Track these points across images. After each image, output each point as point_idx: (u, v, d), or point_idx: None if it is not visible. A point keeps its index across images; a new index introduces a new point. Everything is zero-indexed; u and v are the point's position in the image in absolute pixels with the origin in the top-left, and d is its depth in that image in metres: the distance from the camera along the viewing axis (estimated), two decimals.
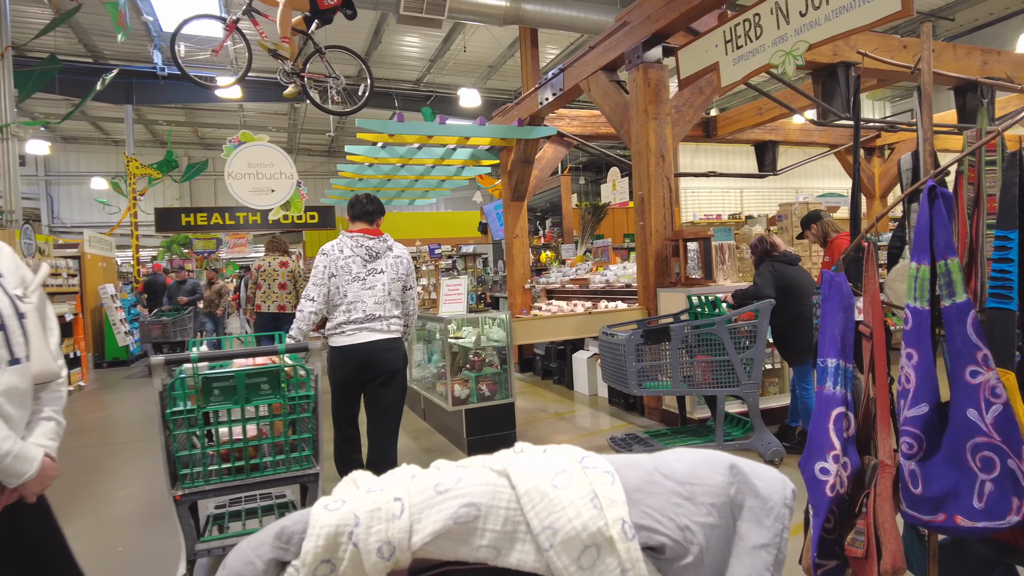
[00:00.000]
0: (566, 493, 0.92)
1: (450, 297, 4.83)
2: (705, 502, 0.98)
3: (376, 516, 0.90)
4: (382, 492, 0.94)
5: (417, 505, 0.91)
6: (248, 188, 9.58)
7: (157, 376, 2.63)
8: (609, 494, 0.93)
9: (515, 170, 8.29)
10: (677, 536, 0.94)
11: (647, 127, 5.51)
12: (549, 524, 0.90)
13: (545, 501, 0.91)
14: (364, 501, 0.92)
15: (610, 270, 6.70)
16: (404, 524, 0.89)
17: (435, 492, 0.92)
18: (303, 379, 2.74)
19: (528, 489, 0.92)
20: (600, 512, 0.91)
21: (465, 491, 0.92)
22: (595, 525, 0.90)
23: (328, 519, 0.89)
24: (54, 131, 21.44)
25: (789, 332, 4.37)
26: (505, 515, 0.91)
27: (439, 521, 0.89)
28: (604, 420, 5.79)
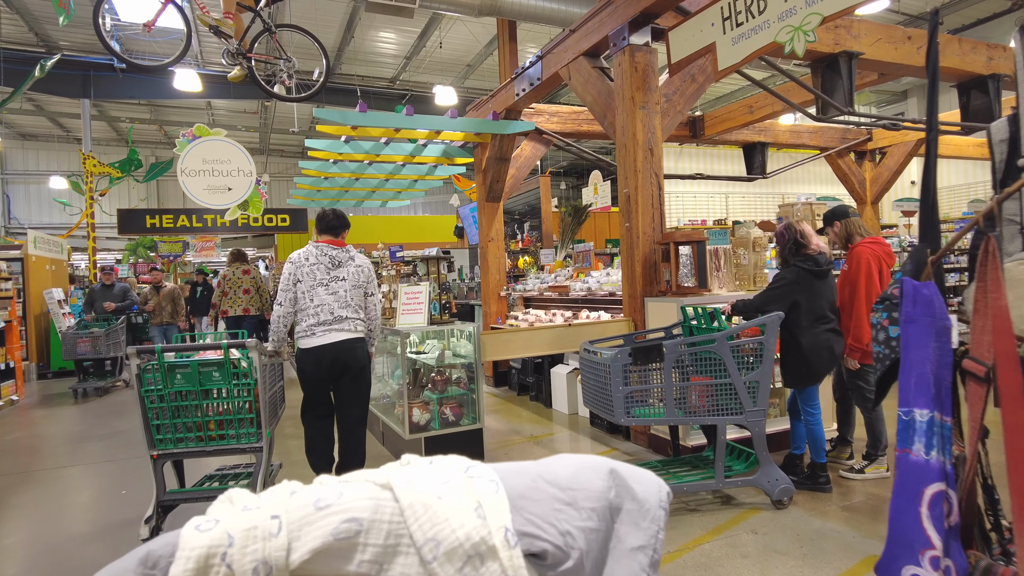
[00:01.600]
0: (450, 504, 0.92)
1: (409, 307, 4.19)
2: (586, 507, 1.00)
3: (252, 535, 0.88)
4: (259, 510, 0.92)
5: (296, 522, 0.90)
6: (203, 186, 8.87)
7: (134, 360, 3.35)
8: (493, 503, 0.93)
9: (490, 168, 7.68)
10: (559, 542, 0.96)
11: (634, 117, 4.93)
12: (432, 536, 0.90)
13: (429, 513, 0.92)
14: (239, 520, 0.90)
15: (592, 277, 6.10)
16: (282, 542, 0.87)
17: (315, 508, 0.91)
18: (246, 369, 3.42)
19: (412, 502, 0.93)
20: (484, 521, 0.92)
21: (347, 506, 0.91)
22: (478, 535, 0.90)
23: (199, 540, 0.86)
24: (10, 126, 20.43)
25: (795, 353, 3.78)
26: (388, 529, 0.91)
27: (319, 538, 0.88)
28: (585, 445, 5.17)
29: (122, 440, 6.14)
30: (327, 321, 3.78)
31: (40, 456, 5.74)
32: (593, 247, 6.39)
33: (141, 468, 5.18)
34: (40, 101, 17.73)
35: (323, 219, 4.00)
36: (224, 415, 3.50)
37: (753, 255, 4.97)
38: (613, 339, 4.12)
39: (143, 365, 3.35)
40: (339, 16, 12.71)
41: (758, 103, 8.44)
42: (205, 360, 3.43)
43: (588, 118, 8.43)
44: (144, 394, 3.37)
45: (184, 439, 3.46)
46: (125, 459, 5.44)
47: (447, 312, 4.35)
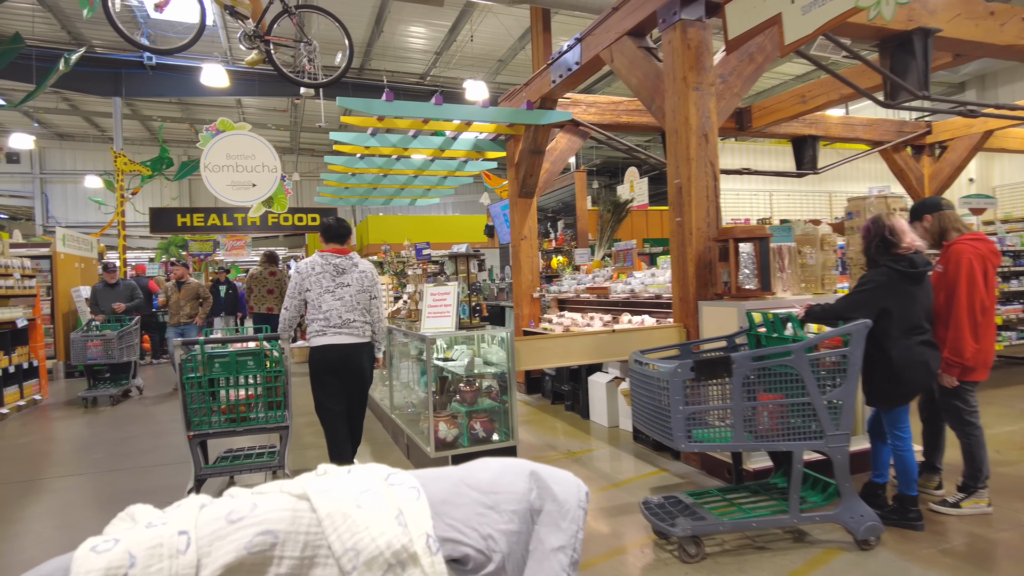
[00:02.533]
0: (370, 512, 0.90)
1: (435, 309, 3.75)
2: (507, 509, 1.01)
3: (156, 553, 0.83)
4: (164, 526, 0.87)
5: (206, 537, 0.86)
6: (227, 182, 8.60)
7: (177, 351, 3.80)
8: (415, 510, 0.92)
9: (523, 162, 7.22)
10: (480, 546, 0.96)
11: (686, 99, 4.42)
12: (352, 545, 0.88)
13: (348, 523, 0.90)
14: (142, 538, 0.85)
15: (635, 278, 5.59)
16: (190, 559, 0.83)
17: (227, 522, 0.88)
18: (277, 359, 3.99)
19: (330, 511, 0.90)
20: (405, 529, 0.90)
21: (261, 518, 0.88)
22: (399, 542, 0.89)
23: (95, 563, 0.81)
24: (48, 127, 20.66)
25: (883, 368, 3.24)
26: (305, 540, 0.89)
27: (231, 553, 0.84)
28: (629, 465, 4.67)
29: (132, 447, 5.83)
30: (336, 324, 4.08)
31: (52, 461, 5.45)
32: (636, 246, 5.89)
33: (148, 476, 4.84)
34: (75, 101, 17.83)
35: (328, 229, 4.27)
36: (252, 400, 4.07)
37: (821, 254, 4.42)
38: (665, 349, 3.62)
39: (184, 355, 3.84)
40: (368, 9, 12.39)
41: (811, 92, 7.83)
42: (241, 351, 3.99)
43: (628, 108, 7.92)
44: (185, 381, 3.85)
45: (217, 421, 3.99)
46: (131, 468, 5.11)
47: (477, 315, 3.91)
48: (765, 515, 3.12)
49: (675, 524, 3.04)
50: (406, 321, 5.52)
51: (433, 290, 3.75)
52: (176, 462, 5.25)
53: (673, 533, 3.03)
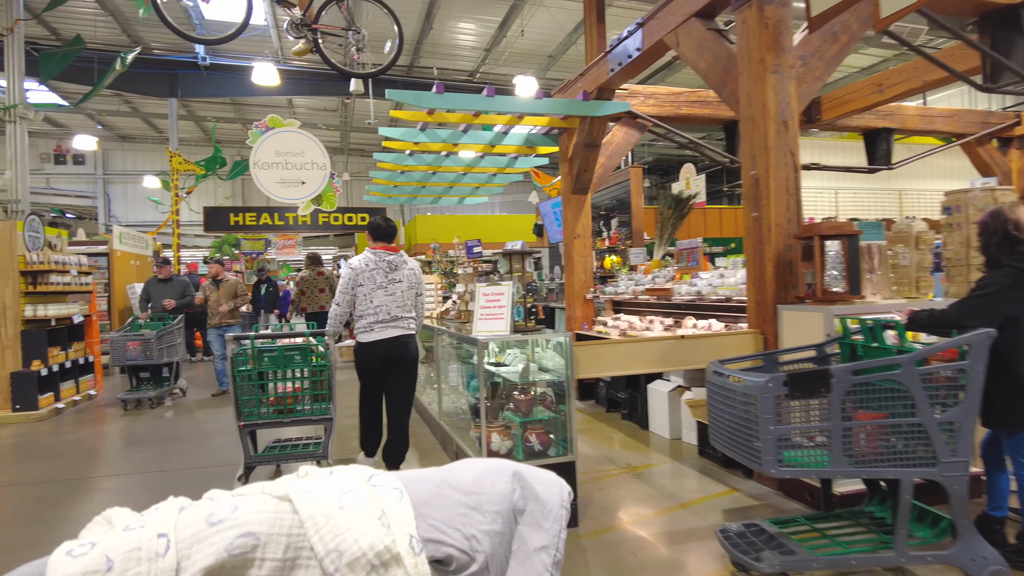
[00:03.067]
0: (353, 514, 0.89)
1: (488, 311, 3.47)
2: (490, 510, 1.00)
3: (134, 557, 0.81)
4: (143, 529, 0.86)
5: (186, 540, 0.84)
6: (276, 179, 8.53)
7: (231, 345, 4.03)
8: (397, 510, 0.92)
9: (577, 156, 6.88)
10: (464, 546, 0.96)
11: (763, 83, 4.01)
12: (335, 547, 0.86)
13: (330, 524, 0.88)
14: (119, 541, 0.83)
15: (701, 278, 5.19)
16: (170, 563, 0.82)
17: (207, 524, 0.86)
18: (322, 354, 4.17)
19: (312, 513, 0.89)
20: (388, 530, 0.89)
21: (241, 520, 0.86)
22: (382, 543, 0.88)
23: (70, 568, 0.79)
24: (110, 129, 21.31)
25: (1009, 386, 2.79)
26: (287, 542, 0.87)
27: (211, 555, 0.83)
28: (696, 483, 4.29)
29: (179, 446, 5.73)
30: (385, 320, 4.22)
31: (100, 459, 5.39)
32: (702, 244, 5.49)
33: (193, 478, 4.70)
34: (134, 103, 18.30)
35: (377, 228, 4.40)
36: (299, 392, 4.29)
37: (916, 254, 3.95)
38: (745, 359, 3.25)
39: (236, 350, 4.05)
40: (418, 5, 12.24)
41: (889, 80, 7.25)
42: (289, 345, 4.20)
43: (688, 100, 7.50)
44: (236, 374, 4.05)
45: (265, 412, 4.22)
46: (175, 470, 4.99)
47: (533, 318, 3.61)
48: (865, 551, 2.71)
49: (760, 558, 2.66)
50: (455, 322, 5.26)
51: (486, 290, 3.47)
52: (221, 464, 5.11)
53: (757, 568, 2.66)
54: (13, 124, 7.46)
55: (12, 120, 7.44)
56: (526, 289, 3.58)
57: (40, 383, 7.31)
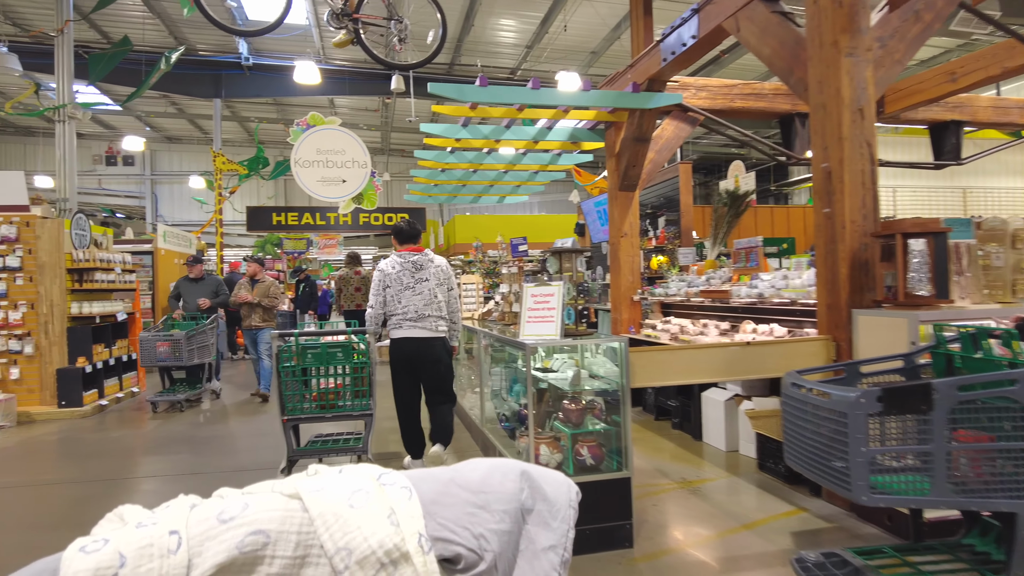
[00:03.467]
0: (363, 512, 0.90)
1: (536, 313, 3.22)
2: (498, 509, 0.99)
3: (146, 553, 0.82)
4: (155, 526, 0.87)
5: (197, 537, 0.85)
6: (317, 177, 8.45)
7: (275, 342, 4.20)
8: (406, 509, 0.92)
9: (625, 151, 6.58)
10: (472, 545, 0.95)
11: (837, 68, 3.67)
12: (344, 545, 0.87)
13: (340, 522, 0.89)
14: (132, 538, 0.84)
15: (762, 279, 4.85)
16: (181, 559, 0.82)
17: (218, 521, 0.87)
18: (363, 351, 4.34)
19: (322, 511, 0.89)
20: (397, 528, 0.89)
21: (252, 518, 0.87)
22: (391, 542, 0.88)
23: (83, 564, 0.80)
24: (158, 130, 21.78)
25: None
26: (297, 540, 0.87)
27: (222, 553, 0.83)
28: (758, 500, 3.97)
29: (212, 448, 5.65)
30: (412, 319, 4.45)
31: (136, 458, 5.32)
32: (762, 243, 5.14)
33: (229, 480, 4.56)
34: (181, 104, 18.63)
35: (401, 232, 4.64)
36: (339, 388, 4.40)
37: (1012, 254, 3.57)
38: (823, 369, 2.93)
39: (281, 346, 4.19)
40: (459, 2, 12.08)
41: (964, 67, 6.75)
42: (331, 343, 4.33)
43: (743, 92, 7.14)
44: (280, 370, 4.19)
45: (308, 407, 4.34)
46: (211, 472, 4.88)
47: (584, 321, 3.35)
48: None
49: None
50: (498, 324, 5.03)
51: (534, 291, 3.23)
52: (256, 467, 4.99)
53: None
54: (62, 124, 7.54)
55: (61, 120, 7.52)
56: (577, 290, 3.33)
57: (84, 380, 7.36)
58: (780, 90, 7.35)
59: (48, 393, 7.33)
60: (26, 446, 5.98)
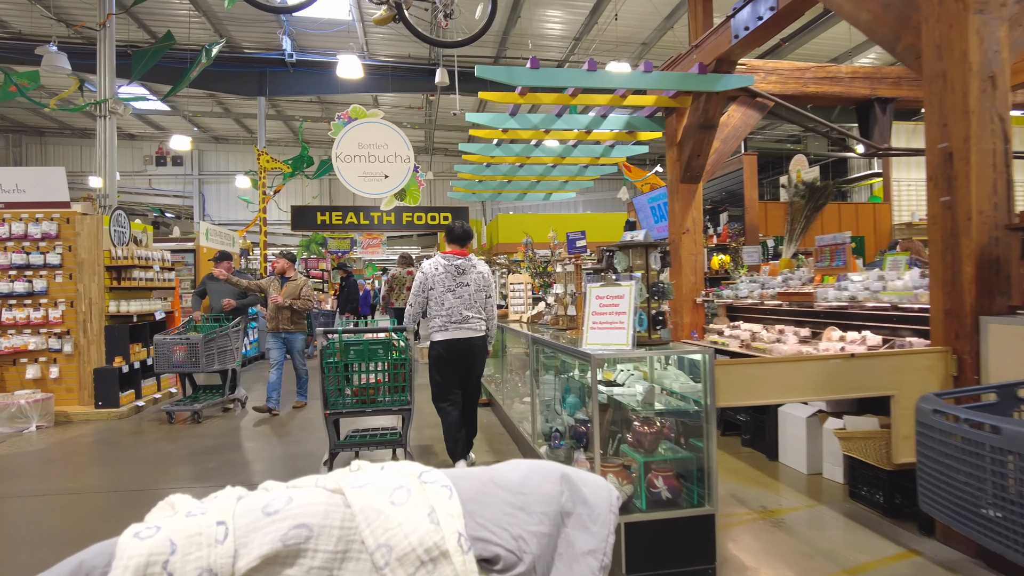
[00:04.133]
0: (403, 509, 0.91)
1: (602, 319, 2.74)
2: (537, 511, 0.99)
3: (196, 542, 0.85)
4: (203, 516, 0.89)
5: (243, 528, 0.87)
6: (358, 172, 8.12)
7: (320, 340, 4.43)
8: (447, 508, 0.92)
9: (688, 140, 6.04)
10: (511, 546, 0.94)
11: (963, 28, 3.09)
12: (385, 541, 0.88)
13: (381, 518, 0.90)
14: (182, 526, 0.87)
15: (852, 281, 4.25)
16: (228, 549, 0.85)
17: (263, 514, 0.89)
18: (402, 348, 4.60)
19: (364, 507, 0.90)
20: (437, 527, 0.90)
21: (296, 512, 0.88)
22: (431, 540, 0.88)
23: (138, 549, 0.84)
24: (205, 130, 22.02)
25: None
26: (339, 535, 0.88)
27: (266, 544, 0.86)
28: (854, 536, 3.40)
29: (251, 455, 5.33)
30: (456, 320, 4.50)
31: (164, 467, 5.04)
32: (850, 240, 4.52)
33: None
34: (227, 103, 18.73)
35: (451, 232, 4.67)
36: (380, 384, 4.56)
37: None
38: (963, 392, 2.37)
39: (325, 344, 4.35)
40: None
41: None
42: (373, 340, 4.49)
43: (816, 76, 6.51)
44: (324, 366, 4.36)
45: (349, 401, 4.49)
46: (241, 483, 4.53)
47: (659, 327, 2.85)
48: None
49: None
50: (551, 328, 4.56)
51: (600, 292, 2.75)
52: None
53: None
54: (103, 119, 7.40)
55: (102, 115, 7.38)
56: (651, 292, 2.83)
57: (121, 380, 7.18)
58: (858, 73, 6.69)
59: (86, 393, 7.18)
60: (62, 448, 5.78)
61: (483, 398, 7.25)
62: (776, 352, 4.63)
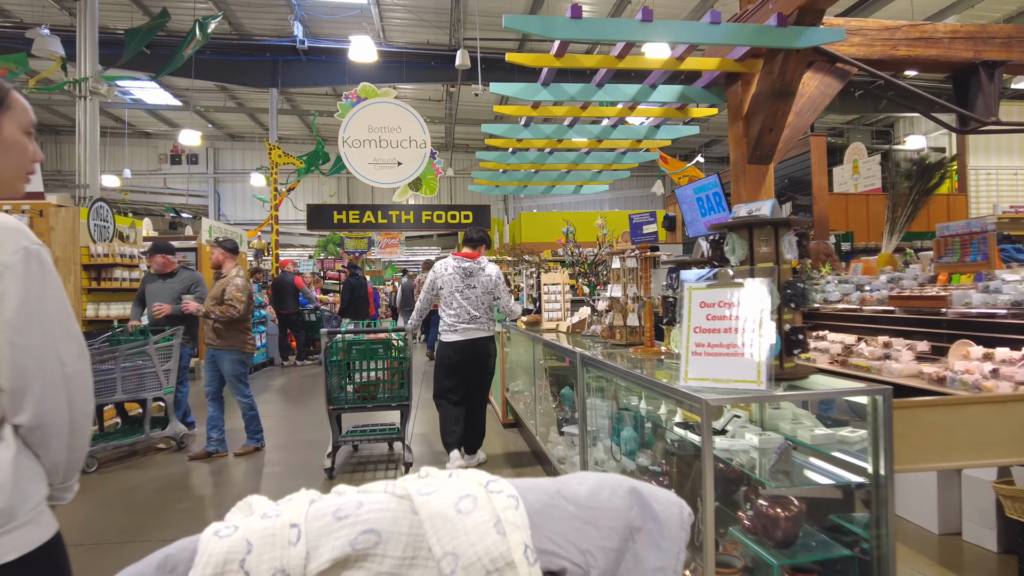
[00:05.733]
0: (470, 518, 0.92)
1: (711, 340, 1.74)
2: (605, 526, 0.99)
3: (270, 543, 0.88)
4: (278, 518, 0.92)
5: (314, 531, 0.90)
6: (368, 159, 7.19)
7: (324, 339, 4.66)
8: (513, 519, 0.92)
9: (759, 110, 5.01)
10: (578, 560, 0.95)
11: None
12: (451, 550, 0.89)
13: (448, 526, 0.91)
14: (258, 527, 0.91)
15: (1002, 281, 3.21)
16: (300, 551, 0.88)
17: (334, 518, 0.91)
18: (401, 348, 4.83)
19: (431, 514, 0.92)
20: (503, 537, 0.90)
21: (365, 517, 0.91)
22: (497, 550, 0.89)
23: (218, 547, 0.88)
24: (220, 127, 21.37)
25: None
26: (407, 541, 0.90)
27: (337, 548, 0.88)
28: None
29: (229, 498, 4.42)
30: (464, 320, 4.69)
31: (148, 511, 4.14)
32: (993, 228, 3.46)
33: None
34: (240, 98, 18.01)
35: (467, 235, 4.99)
36: (380, 381, 4.79)
37: None
38: None
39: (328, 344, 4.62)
40: None
41: None
42: (374, 340, 4.77)
43: (908, 37, 5.44)
44: (328, 364, 4.62)
45: (350, 397, 4.75)
46: None
47: (798, 350, 1.83)
48: None
49: None
50: (602, 342, 3.56)
51: (708, 295, 1.75)
52: None
53: None
54: (83, 99, 6.56)
55: (82, 95, 6.54)
56: (786, 295, 1.82)
57: None
58: (959, 32, 5.59)
59: None
60: None
61: (509, 417, 6.28)
62: (887, 371, 3.60)
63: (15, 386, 1.09)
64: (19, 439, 1.12)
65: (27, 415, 1.10)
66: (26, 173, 1.32)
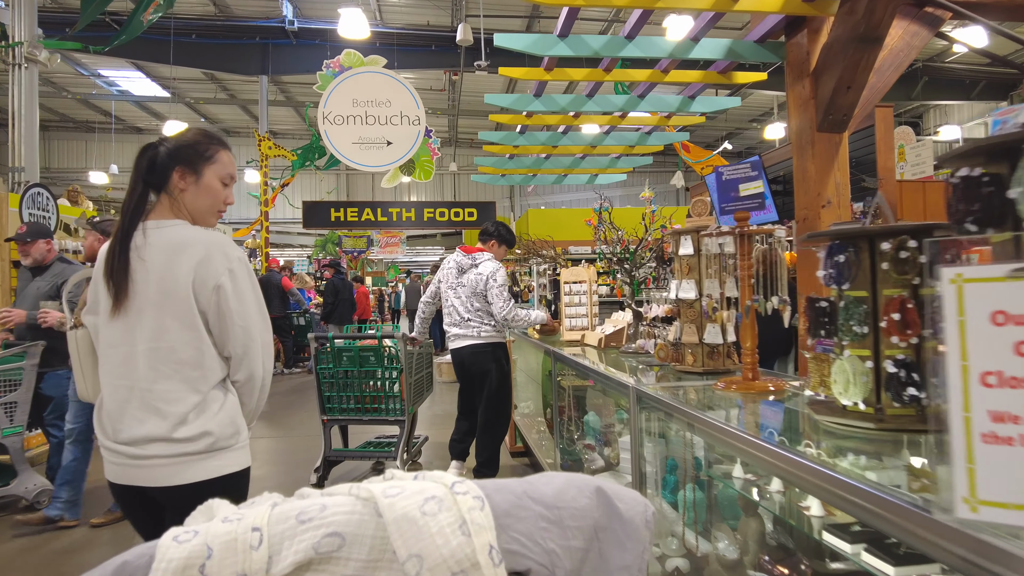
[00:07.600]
0: (435, 520, 0.90)
1: None
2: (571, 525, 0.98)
3: (231, 547, 0.85)
4: (239, 522, 0.89)
5: (277, 535, 0.87)
6: (353, 138, 6.14)
7: (312, 344, 4.44)
8: (478, 520, 0.91)
9: (835, 63, 3.98)
10: (543, 560, 0.94)
11: None
12: (416, 552, 0.88)
13: (413, 528, 0.89)
14: (219, 531, 0.88)
15: None
16: (262, 555, 0.85)
17: (297, 522, 0.89)
18: (393, 356, 4.45)
19: (396, 516, 0.90)
20: (468, 538, 0.89)
21: (329, 520, 0.89)
22: (463, 551, 0.88)
23: (177, 552, 0.84)
24: (214, 122, 20.47)
25: None
26: (371, 543, 0.89)
27: (300, 552, 0.86)
28: None
29: None
30: (457, 322, 4.38)
31: None
32: None
33: None
34: (232, 89, 17.10)
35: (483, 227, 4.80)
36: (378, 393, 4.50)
37: None
38: None
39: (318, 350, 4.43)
40: None
41: None
42: (364, 346, 4.49)
43: None
44: (319, 372, 4.42)
45: (346, 408, 4.51)
46: None
47: None
48: None
49: None
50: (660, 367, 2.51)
51: (1012, 301, 0.76)
52: None
53: None
54: (18, 68, 5.57)
55: (15, 62, 5.55)
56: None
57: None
58: None
59: None
60: None
61: (518, 445, 5.26)
62: None
63: (237, 354, 1.68)
64: (234, 391, 1.74)
65: (243, 373, 1.71)
66: (217, 211, 1.91)
